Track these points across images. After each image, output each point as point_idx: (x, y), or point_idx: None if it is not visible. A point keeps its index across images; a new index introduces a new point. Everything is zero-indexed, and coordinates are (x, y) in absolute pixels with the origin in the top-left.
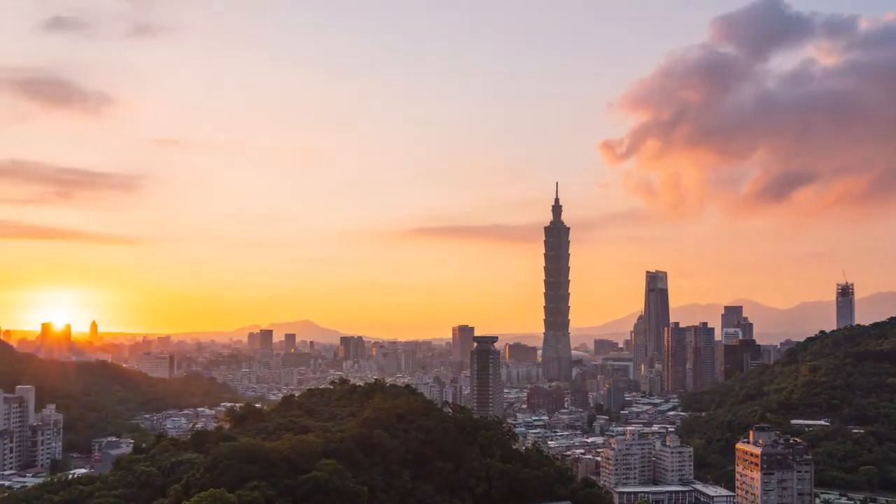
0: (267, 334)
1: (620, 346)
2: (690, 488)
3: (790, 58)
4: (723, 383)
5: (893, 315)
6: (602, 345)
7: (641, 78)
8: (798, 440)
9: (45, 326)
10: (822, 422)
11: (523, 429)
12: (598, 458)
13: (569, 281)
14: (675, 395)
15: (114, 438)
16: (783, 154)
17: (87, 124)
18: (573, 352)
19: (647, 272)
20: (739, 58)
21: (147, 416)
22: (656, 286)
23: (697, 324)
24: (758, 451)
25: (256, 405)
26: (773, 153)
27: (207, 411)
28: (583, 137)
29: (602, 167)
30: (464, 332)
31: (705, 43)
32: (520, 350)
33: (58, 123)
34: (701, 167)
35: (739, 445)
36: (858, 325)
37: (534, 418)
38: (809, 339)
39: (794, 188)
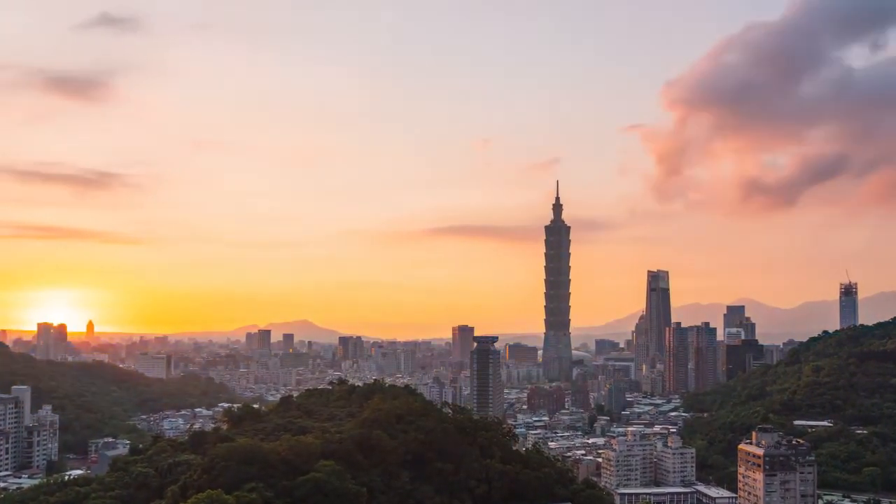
0: (265, 334)
1: (622, 346)
2: (692, 490)
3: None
4: (725, 384)
5: None
6: (603, 345)
7: (689, 64)
8: (801, 441)
9: (42, 326)
10: (825, 423)
11: (523, 430)
12: (599, 460)
13: (569, 280)
14: (676, 396)
15: (110, 439)
16: (808, 151)
17: (111, 123)
18: (574, 352)
19: (649, 271)
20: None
21: (144, 416)
22: (658, 285)
23: (699, 323)
24: (760, 452)
25: (254, 406)
26: (796, 150)
27: (205, 412)
28: (589, 133)
29: (611, 159)
30: (463, 331)
31: (775, 24)
32: (520, 350)
33: (84, 122)
34: (729, 157)
35: (742, 446)
36: (862, 325)
37: (534, 419)
38: (812, 339)
39: (806, 188)
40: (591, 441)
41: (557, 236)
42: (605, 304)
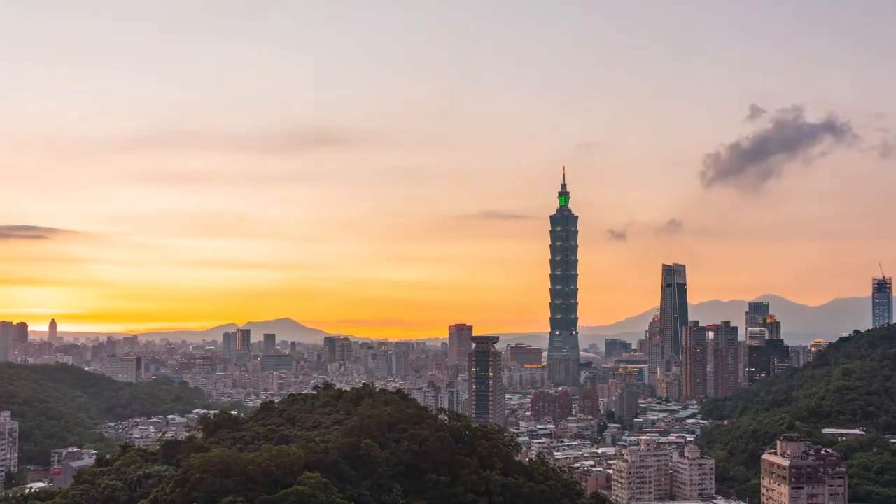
0: (244, 334)
1: (634, 347)
2: None
3: None
4: (747, 388)
5: None
6: (614, 346)
7: None
8: (830, 451)
9: None
10: (856, 431)
11: (527, 438)
12: (610, 471)
13: (577, 275)
14: (694, 402)
15: (75, 449)
16: None
17: None
18: (582, 353)
19: (664, 265)
20: None
21: (111, 424)
22: (674, 281)
23: (719, 322)
24: (786, 462)
25: (232, 412)
26: None
27: (178, 419)
28: (594, 119)
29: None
30: (461, 331)
31: None
32: (523, 351)
33: None
34: None
35: (765, 457)
36: None
37: (538, 427)
38: (842, 340)
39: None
40: (600, 451)
41: (564, 226)
42: (616, 302)
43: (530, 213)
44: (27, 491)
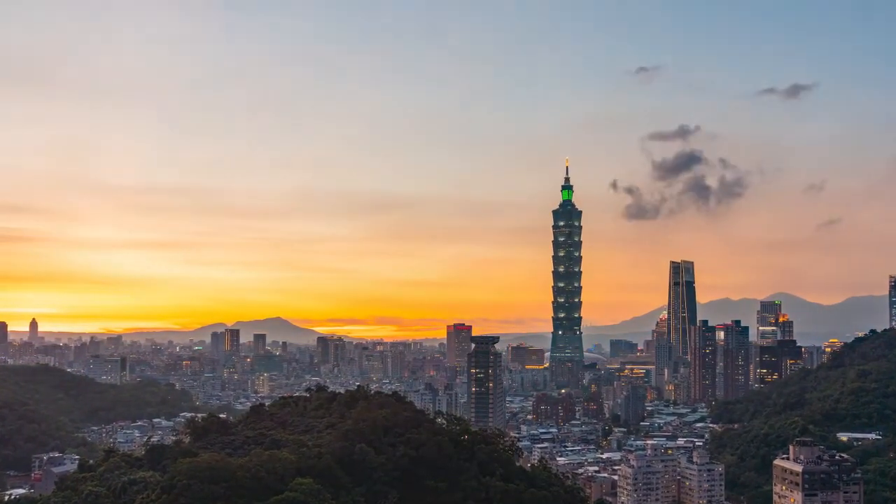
0: (233, 334)
1: (640, 347)
2: None
3: None
4: (758, 390)
5: None
6: (619, 346)
7: None
8: (845, 456)
9: None
10: (872, 435)
11: (528, 443)
12: (615, 477)
13: (580, 272)
14: (703, 404)
15: (56, 454)
16: None
17: None
18: (586, 354)
19: (672, 262)
20: None
21: (95, 427)
22: (682, 279)
23: (729, 322)
24: (799, 468)
25: (221, 416)
26: None
27: (164, 422)
28: (595, 112)
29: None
30: (460, 331)
31: None
32: (524, 352)
33: None
34: None
35: (777, 462)
36: None
37: (540, 431)
38: (858, 340)
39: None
40: (605, 456)
41: (567, 221)
42: (622, 300)
43: (531, 208)
44: (7, 498)
